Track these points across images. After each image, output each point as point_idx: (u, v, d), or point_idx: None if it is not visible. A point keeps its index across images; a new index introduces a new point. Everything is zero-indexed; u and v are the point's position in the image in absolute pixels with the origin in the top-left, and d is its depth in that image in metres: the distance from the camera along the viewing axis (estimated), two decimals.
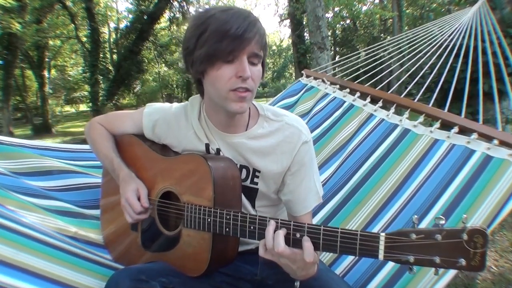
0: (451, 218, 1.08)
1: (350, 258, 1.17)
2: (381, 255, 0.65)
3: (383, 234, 0.65)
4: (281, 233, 0.72)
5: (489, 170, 1.12)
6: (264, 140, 0.94)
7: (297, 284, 0.78)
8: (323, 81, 1.89)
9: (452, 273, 0.96)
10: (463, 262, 0.60)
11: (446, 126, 1.33)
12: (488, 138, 1.20)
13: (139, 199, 0.94)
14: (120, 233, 1.11)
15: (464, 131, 1.27)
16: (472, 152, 1.19)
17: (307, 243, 0.71)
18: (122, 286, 0.81)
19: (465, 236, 0.60)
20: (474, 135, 1.22)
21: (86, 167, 1.40)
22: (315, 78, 1.95)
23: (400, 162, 1.31)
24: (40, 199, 1.15)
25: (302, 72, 2.06)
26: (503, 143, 1.15)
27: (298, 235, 0.73)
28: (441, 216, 0.63)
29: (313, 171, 0.98)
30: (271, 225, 0.74)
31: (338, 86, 1.81)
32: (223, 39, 0.76)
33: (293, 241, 0.73)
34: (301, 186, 0.95)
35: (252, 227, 0.79)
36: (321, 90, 1.85)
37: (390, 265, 1.08)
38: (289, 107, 1.91)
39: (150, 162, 1.03)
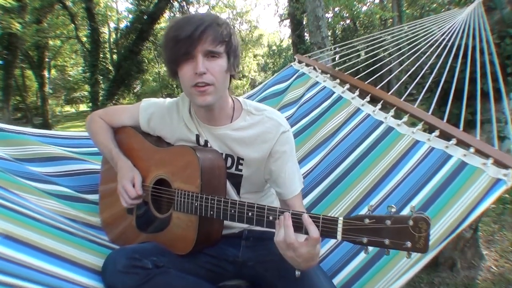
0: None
1: (326, 247, 1.25)
2: (339, 236, 0.76)
3: (341, 218, 0.76)
4: (288, 217, 0.82)
5: (462, 176, 1.16)
6: (246, 131, 1.06)
7: (298, 273, 0.85)
8: (314, 68, 1.89)
9: (425, 261, 1.03)
10: (409, 244, 0.69)
11: (429, 128, 1.36)
12: (466, 145, 1.23)
13: (134, 186, 1.05)
14: (117, 216, 1.21)
15: (444, 135, 1.30)
16: (449, 157, 1.23)
17: (311, 226, 0.79)
18: (118, 263, 0.92)
19: (411, 222, 0.69)
20: (453, 141, 1.25)
21: (85, 154, 1.45)
22: (307, 65, 1.95)
23: (381, 160, 1.36)
24: (41, 184, 1.21)
25: (295, 57, 2.05)
26: (478, 152, 1.19)
27: (271, 217, 0.85)
28: (393, 205, 0.72)
29: (293, 158, 1.10)
30: (287, 215, 0.83)
31: (328, 75, 1.81)
32: (176, 43, 0.90)
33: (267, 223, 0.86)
34: (286, 171, 1.06)
35: (232, 211, 0.90)
36: (312, 78, 1.86)
37: (363, 254, 1.15)
38: (279, 93, 1.92)
39: (146, 152, 1.14)
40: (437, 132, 1.31)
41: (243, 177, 1.09)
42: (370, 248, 0.75)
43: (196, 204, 0.95)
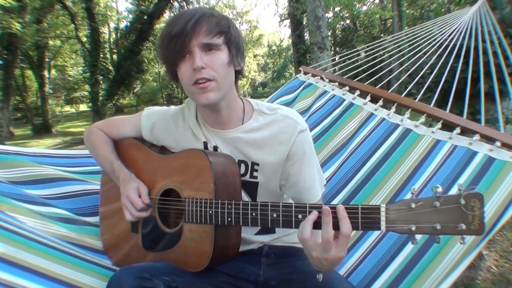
0: None
1: (353, 259, 1.17)
2: (383, 226, 0.67)
3: (383, 205, 0.67)
4: (311, 218, 0.73)
5: (491, 172, 1.11)
6: (259, 132, 0.96)
7: (320, 276, 0.78)
8: (321, 78, 1.88)
9: (478, 248, 0.95)
10: (463, 226, 0.62)
11: (447, 126, 1.32)
12: (490, 140, 1.19)
13: (140, 197, 0.95)
14: (120, 237, 1.11)
15: (466, 132, 1.26)
16: (475, 153, 1.18)
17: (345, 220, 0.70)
18: (125, 283, 0.80)
19: (462, 201, 0.62)
20: (476, 137, 1.21)
21: (83, 174, 1.40)
22: (313, 75, 1.94)
23: (403, 163, 1.30)
24: (39, 206, 1.15)
25: (300, 68, 2.05)
26: (505, 145, 1.14)
27: (300, 216, 0.75)
28: (438, 185, 0.65)
29: (314, 159, 0.99)
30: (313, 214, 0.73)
31: (337, 83, 1.80)
32: (170, 41, 0.83)
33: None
34: (305, 174, 0.95)
35: (254, 214, 0.79)
36: (320, 87, 1.84)
37: (395, 264, 1.08)
38: (287, 105, 1.89)
39: (150, 162, 1.05)
40: (458, 130, 1.27)
41: (259, 185, 0.98)
42: (418, 237, 0.67)
43: (210, 211, 0.85)
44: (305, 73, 1.98)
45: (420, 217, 0.65)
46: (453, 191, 1.12)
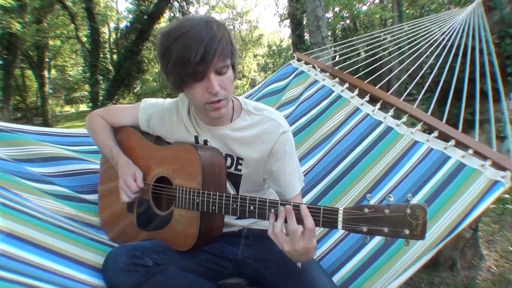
0: None
1: (327, 243, 1.26)
2: (340, 226, 0.78)
3: (341, 208, 0.78)
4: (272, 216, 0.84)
5: (460, 177, 1.17)
6: (246, 131, 1.06)
7: (299, 264, 0.88)
8: (313, 67, 1.89)
9: (424, 259, 1.03)
10: (407, 231, 0.72)
11: (428, 129, 1.37)
12: (465, 147, 1.23)
13: (135, 181, 1.06)
14: (117, 215, 1.21)
15: (443, 136, 1.30)
16: (448, 158, 1.23)
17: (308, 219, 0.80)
18: (119, 260, 0.92)
19: (408, 210, 0.71)
20: (452, 142, 1.25)
21: (84, 153, 1.45)
22: (306, 63, 1.94)
23: (380, 160, 1.36)
24: (41, 184, 1.20)
25: (294, 55, 2.05)
26: (477, 153, 1.19)
27: (272, 210, 0.85)
28: (391, 195, 0.74)
29: (294, 158, 1.10)
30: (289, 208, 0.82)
31: (327, 74, 1.81)
32: (186, 66, 0.85)
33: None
34: (286, 170, 1.06)
35: (234, 205, 0.91)
36: (311, 76, 1.86)
37: (357, 258, 1.16)
38: (278, 91, 1.91)
39: (146, 150, 1.15)
40: (436, 133, 1.31)
41: (242, 177, 1.09)
42: (369, 238, 0.76)
43: (197, 200, 0.96)
44: (299, 60, 1.99)
45: (371, 221, 0.75)
46: (422, 193, 1.20)
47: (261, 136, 1.05)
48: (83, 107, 23.96)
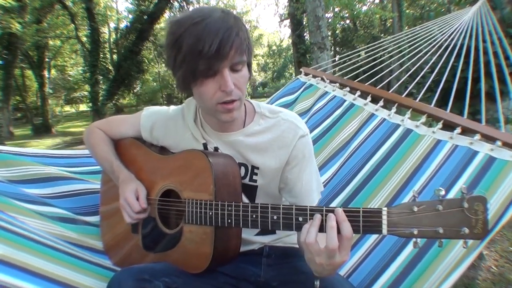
0: None
1: (354, 259, 1.16)
2: (384, 230, 0.66)
3: (385, 208, 0.66)
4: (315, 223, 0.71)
5: (492, 171, 1.11)
6: (261, 136, 0.94)
7: (317, 283, 0.77)
8: (322, 79, 1.88)
9: (478, 250, 0.94)
10: (466, 230, 0.60)
11: (448, 126, 1.32)
12: (491, 139, 1.19)
13: (138, 199, 0.94)
14: (120, 237, 1.11)
15: (466, 131, 1.26)
16: (475, 153, 1.18)
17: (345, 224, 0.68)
18: (124, 285, 0.80)
19: (465, 204, 0.60)
20: (477, 136, 1.20)
21: (83, 174, 1.39)
22: (314, 76, 1.93)
23: (403, 163, 1.30)
24: (39, 206, 1.14)
25: (301, 70, 2.04)
26: (506, 145, 1.14)
27: (300, 219, 0.73)
28: (441, 188, 0.63)
29: (312, 164, 0.98)
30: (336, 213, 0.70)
31: (337, 84, 1.79)
32: (198, 59, 0.74)
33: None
34: (302, 179, 0.94)
35: (254, 216, 0.79)
36: (321, 88, 1.83)
37: (396, 264, 1.07)
38: (288, 106, 1.89)
39: (149, 162, 1.04)
40: (458, 129, 1.26)
41: (258, 188, 0.97)
42: (420, 241, 0.66)
43: (210, 213, 0.84)
44: (306, 74, 1.98)
45: (422, 220, 0.63)
46: (454, 191, 1.13)
47: (278, 141, 0.93)
48: (83, 107, 23.98)
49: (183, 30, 0.76)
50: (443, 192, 0.62)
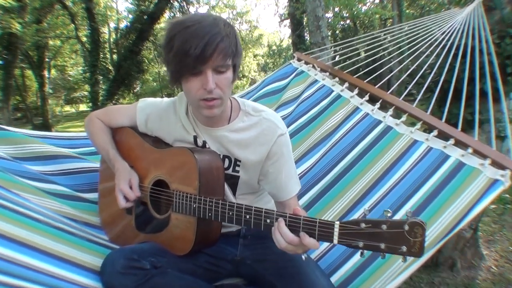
0: (420, 216, 1.13)
1: (323, 246, 1.25)
2: (335, 240, 0.76)
3: (337, 222, 0.76)
4: (282, 224, 0.81)
5: (460, 176, 1.16)
6: (244, 133, 1.05)
7: (305, 256, 0.88)
8: (313, 66, 1.89)
9: (421, 261, 1.01)
10: (404, 248, 0.69)
11: (428, 128, 1.36)
12: (464, 145, 1.23)
13: (131, 188, 1.05)
14: (116, 216, 1.21)
15: (443, 135, 1.30)
16: (447, 157, 1.23)
17: (306, 239, 0.79)
18: (117, 263, 0.92)
19: (406, 227, 0.69)
20: (451, 141, 1.25)
21: (83, 154, 1.44)
22: (306, 63, 1.94)
23: (379, 159, 1.36)
24: (40, 183, 1.20)
25: (294, 54, 2.05)
26: (477, 152, 1.19)
27: (268, 221, 0.85)
28: (389, 210, 0.72)
29: (291, 160, 1.09)
30: (281, 221, 0.82)
31: (327, 73, 1.81)
32: (185, 58, 0.85)
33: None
34: (283, 173, 1.06)
35: (230, 213, 0.90)
36: (311, 75, 1.86)
37: (347, 266, 1.15)
38: (278, 91, 1.91)
39: (144, 153, 1.14)
40: (435, 132, 1.31)
41: (239, 178, 1.09)
42: (366, 252, 0.75)
43: (194, 206, 0.96)
44: (299, 60, 1.99)
45: (368, 236, 0.72)
46: (421, 193, 1.19)
47: (259, 138, 1.04)
48: (83, 107, 23.96)
49: (175, 32, 0.87)
50: (390, 214, 0.72)
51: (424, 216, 1.14)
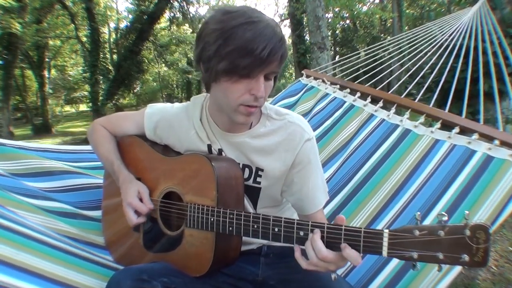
0: (453, 217, 1.08)
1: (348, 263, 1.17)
2: (385, 252, 0.65)
3: (386, 230, 0.65)
4: (317, 237, 0.70)
5: (490, 170, 1.12)
6: (267, 138, 0.94)
7: (334, 276, 0.77)
8: (323, 81, 1.89)
9: (456, 271, 0.95)
10: (466, 258, 0.60)
11: (447, 126, 1.33)
12: (489, 139, 1.19)
13: (141, 200, 0.94)
14: (122, 234, 1.10)
15: (465, 131, 1.26)
16: (473, 152, 1.19)
17: (347, 250, 0.68)
18: (123, 285, 0.81)
19: (467, 232, 0.60)
20: (475, 136, 1.21)
21: (86, 169, 1.39)
22: (315, 78, 1.95)
23: (402, 162, 1.31)
24: (40, 200, 1.13)
25: (302, 72, 2.06)
26: (504, 144, 1.15)
27: (301, 233, 0.73)
28: (444, 213, 0.62)
29: (318, 168, 0.98)
30: (316, 233, 0.71)
31: (338, 86, 1.81)
32: (246, 57, 0.73)
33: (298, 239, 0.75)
34: (309, 183, 0.94)
35: (255, 226, 0.79)
36: (322, 90, 1.85)
37: (393, 264, 1.08)
38: (289, 107, 1.90)
39: (152, 162, 1.04)
40: (457, 129, 1.27)
41: (261, 191, 0.97)
42: (419, 264, 0.65)
43: (212, 219, 0.84)
44: (307, 76, 2.00)
45: (423, 245, 0.63)
46: (452, 191, 1.15)
47: (283, 144, 0.93)
48: (83, 107, 23.97)
49: (237, 23, 0.74)
50: (446, 218, 0.62)
51: (457, 216, 1.08)
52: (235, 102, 0.81)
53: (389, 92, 1.62)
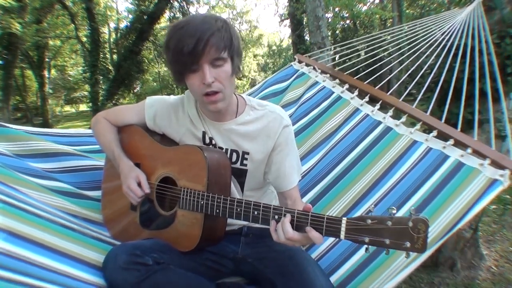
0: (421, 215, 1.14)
1: (324, 244, 1.26)
2: (342, 235, 0.79)
3: (344, 218, 0.79)
4: (286, 220, 0.84)
5: (459, 176, 1.18)
6: (251, 125, 1.09)
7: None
8: (314, 68, 1.89)
9: (420, 259, 1.02)
10: (408, 244, 0.72)
11: (428, 128, 1.37)
12: (463, 146, 1.24)
13: (140, 184, 1.07)
14: (119, 212, 1.22)
15: (442, 135, 1.31)
16: (446, 157, 1.24)
17: (312, 232, 0.82)
18: (119, 259, 0.93)
19: (410, 224, 0.72)
20: (451, 141, 1.26)
21: (86, 152, 1.45)
22: (307, 65, 1.95)
23: (380, 159, 1.37)
24: (42, 180, 1.20)
25: (295, 56, 2.06)
26: (476, 152, 1.20)
27: (276, 217, 0.87)
28: (393, 207, 0.75)
29: (294, 151, 1.14)
30: (287, 217, 0.85)
31: (328, 75, 1.82)
32: (181, 57, 0.90)
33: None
34: (285, 163, 1.09)
35: (238, 209, 0.92)
36: (312, 77, 1.87)
37: (361, 252, 1.16)
38: (279, 93, 1.93)
39: (152, 150, 1.15)
40: (435, 133, 1.32)
41: (247, 172, 1.11)
42: (370, 247, 0.78)
43: (202, 202, 0.97)
44: (300, 62, 2.00)
45: (374, 232, 0.76)
46: (420, 193, 1.20)
47: (265, 130, 1.08)
48: (83, 107, 23.96)
49: (171, 34, 0.92)
50: (394, 211, 0.75)
51: (424, 214, 1.13)
52: (198, 95, 0.97)
53: (389, 92, 1.62)
